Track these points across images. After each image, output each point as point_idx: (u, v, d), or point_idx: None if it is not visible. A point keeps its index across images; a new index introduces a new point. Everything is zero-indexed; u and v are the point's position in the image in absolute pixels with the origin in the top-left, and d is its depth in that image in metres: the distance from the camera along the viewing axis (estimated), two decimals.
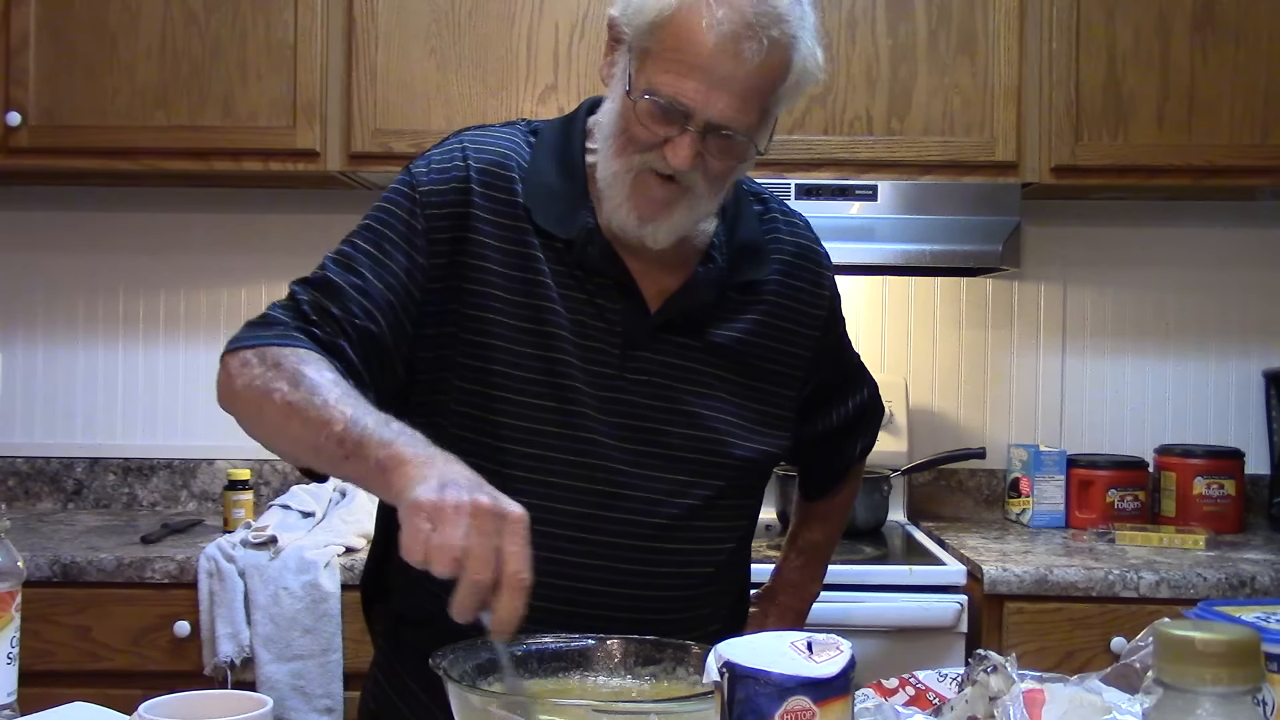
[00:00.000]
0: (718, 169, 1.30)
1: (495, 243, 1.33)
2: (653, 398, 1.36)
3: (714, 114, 1.25)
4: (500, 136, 1.40)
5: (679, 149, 1.26)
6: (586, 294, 1.35)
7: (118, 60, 2.53)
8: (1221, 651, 0.67)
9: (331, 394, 1.16)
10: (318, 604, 2.22)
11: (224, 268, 2.92)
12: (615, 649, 1.13)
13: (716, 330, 1.39)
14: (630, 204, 1.31)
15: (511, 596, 0.99)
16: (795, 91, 1.31)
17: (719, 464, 1.39)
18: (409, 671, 1.41)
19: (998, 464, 2.86)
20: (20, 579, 1.20)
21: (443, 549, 0.98)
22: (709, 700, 0.81)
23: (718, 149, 1.28)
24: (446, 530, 0.98)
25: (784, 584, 1.75)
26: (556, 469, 1.32)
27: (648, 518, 1.36)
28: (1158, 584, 2.20)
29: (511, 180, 1.36)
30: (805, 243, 1.50)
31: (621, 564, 1.35)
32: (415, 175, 1.36)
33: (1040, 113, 2.53)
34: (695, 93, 1.24)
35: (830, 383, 1.58)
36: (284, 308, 1.30)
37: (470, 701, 0.98)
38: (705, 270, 1.38)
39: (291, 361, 1.20)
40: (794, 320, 1.46)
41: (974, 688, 0.95)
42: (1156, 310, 2.92)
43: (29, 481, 2.90)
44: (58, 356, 2.92)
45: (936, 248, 2.52)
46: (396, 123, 2.51)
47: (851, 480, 1.75)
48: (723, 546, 1.43)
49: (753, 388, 1.42)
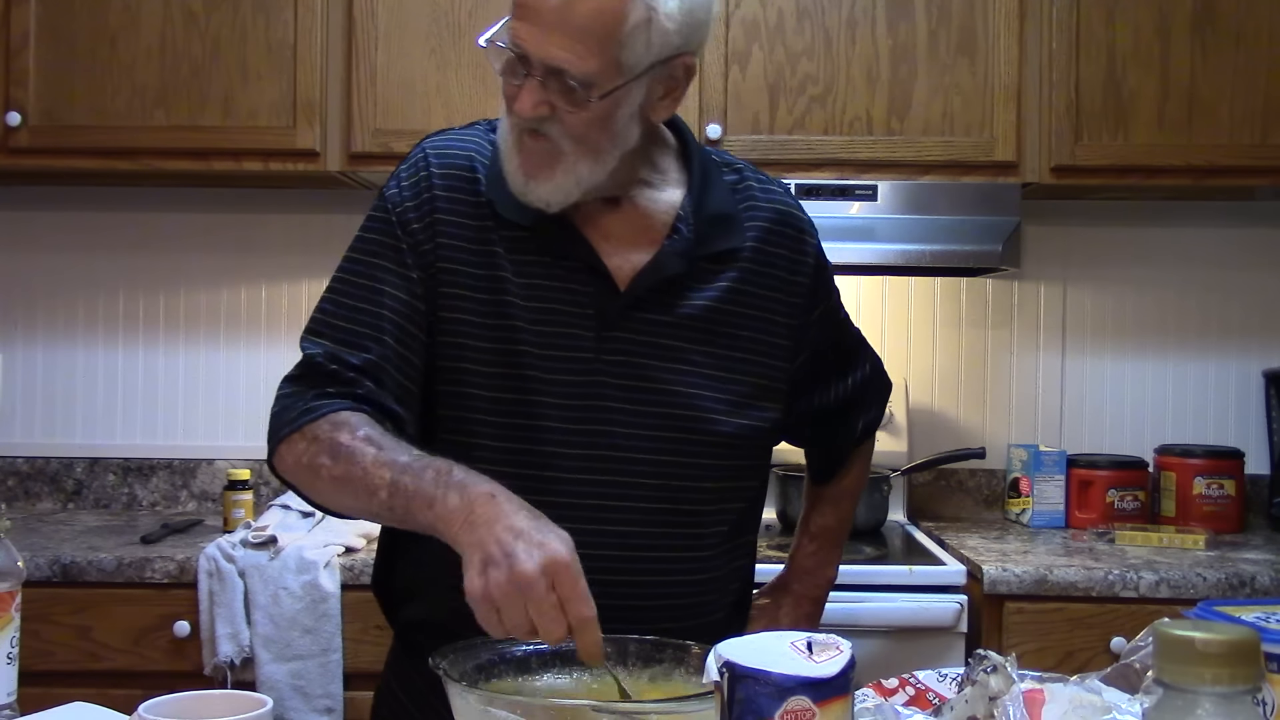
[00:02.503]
0: (573, 124, 1.28)
1: (462, 244, 1.35)
2: (630, 377, 1.35)
3: (546, 56, 1.24)
4: (461, 138, 1.41)
5: (520, 96, 1.27)
6: (556, 279, 1.35)
7: (118, 60, 2.53)
8: (1221, 651, 0.67)
9: (368, 457, 1.20)
10: (318, 604, 2.22)
11: (224, 268, 2.92)
12: (615, 649, 1.13)
13: (689, 302, 1.38)
14: (516, 163, 1.31)
15: (585, 634, 1.07)
16: (646, 43, 1.26)
17: (703, 441, 1.37)
18: (420, 672, 1.41)
19: (998, 464, 2.86)
20: (20, 579, 1.20)
21: (516, 628, 1.07)
22: (709, 700, 0.81)
23: (563, 99, 1.26)
24: (510, 614, 1.06)
25: (798, 571, 1.70)
26: (529, 460, 1.32)
27: (631, 502, 1.34)
28: (1158, 584, 2.20)
29: (475, 180, 1.37)
30: (784, 208, 1.47)
31: (610, 550, 1.33)
32: (389, 198, 1.38)
33: (1040, 113, 2.53)
34: (527, 34, 1.24)
35: (826, 356, 1.54)
36: (303, 371, 1.32)
37: (470, 701, 0.98)
38: (671, 243, 1.37)
39: (326, 431, 1.24)
40: (775, 287, 1.43)
41: (974, 688, 0.95)
42: (1156, 310, 2.92)
43: (29, 481, 2.90)
44: (58, 356, 2.92)
45: (936, 248, 2.52)
46: (396, 123, 2.51)
47: (859, 461, 1.69)
48: (715, 529, 1.41)
49: (735, 360, 1.40)
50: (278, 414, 1.30)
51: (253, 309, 2.92)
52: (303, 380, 1.31)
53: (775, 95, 2.53)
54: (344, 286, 1.35)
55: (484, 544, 1.08)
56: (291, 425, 1.27)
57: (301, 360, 1.33)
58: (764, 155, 2.49)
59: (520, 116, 1.28)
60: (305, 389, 1.30)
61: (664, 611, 1.35)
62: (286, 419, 1.28)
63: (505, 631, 1.07)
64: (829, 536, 1.70)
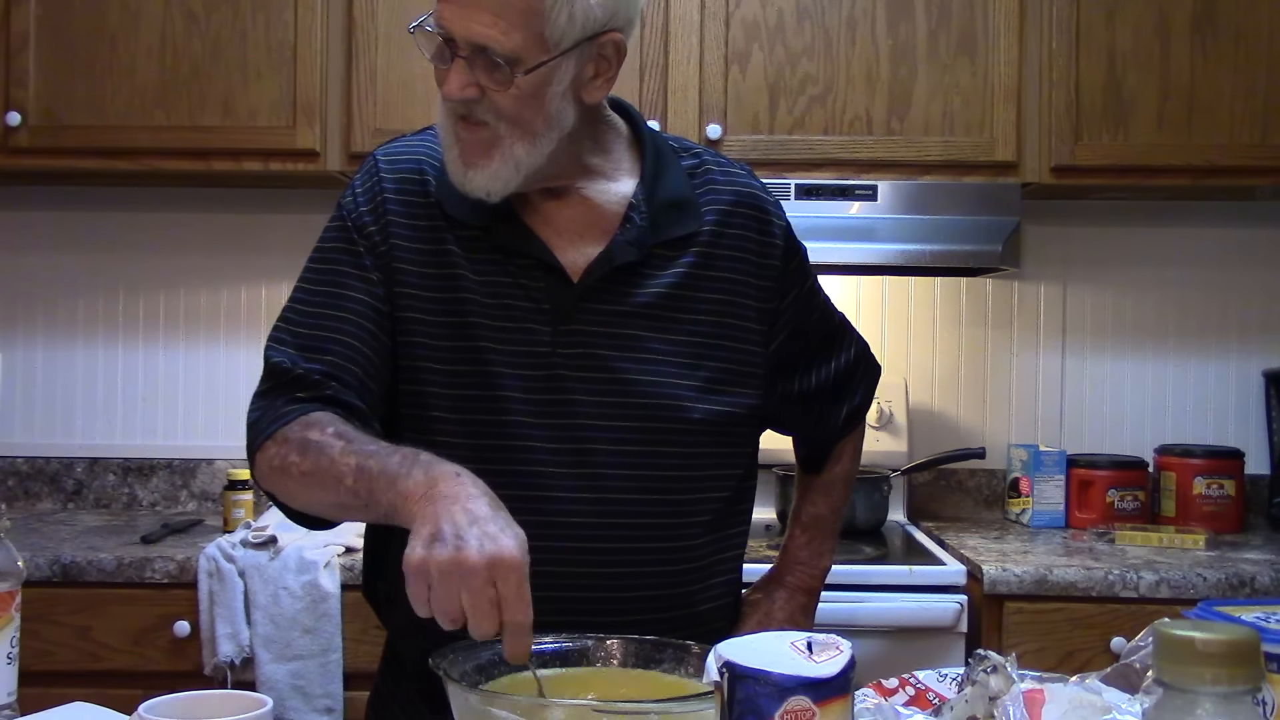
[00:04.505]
0: (504, 105, 1.28)
1: (414, 245, 1.36)
2: (590, 369, 1.34)
3: (468, 33, 1.25)
4: (411, 144, 1.43)
5: (449, 77, 1.27)
6: (509, 276, 1.35)
7: (118, 60, 2.54)
8: (1221, 651, 0.67)
9: (335, 448, 1.21)
10: (318, 604, 2.22)
11: (224, 268, 2.92)
12: (615, 649, 1.13)
13: (644, 290, 1.37)
14: (454, 154, 1.32)
15: (516, 637, 1.04)
16: (568, 18, 1.25)
17: (671, 429, 1.36)
18: (409, 675, 1.41)
19: (998, 464, 2.86)
20: (20, 579, 1.20)
21: (443, 612, 1.04)
22: (709, 700, 0.81)
23: (490, 78, 1.27)
24: (441, 593, 1.03)
25: (791, 563, 1.64)
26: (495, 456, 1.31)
27: (605, 494, 1.33)
28: (1158, 584, 2.20)
29: (425, 183, 1.38)
30: (746, 190, 1.46)
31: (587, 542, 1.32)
32: (344, 206, 1.40)
33: (1040, 113, 2.53)
34: (449, 12, 1.25)
35: (805, 339, 1.51)
36: (271, 382, 1.32)
37: (470, 702, 0.98)
38: (623, 232, 1.36)
39: (296, 431, 1.25)
40: (739, 270, 1.42)
41: (974, 688, 0.95)
42: (1156, 310, 2.92)
43: (29, 481, 2.90)
44: (58, 356, 2.92)
45: (936, 248, 2.52)
46: (396, 123, 2.50)
47: (850, 449, 1.65)
48: (697, 519, 1.39)
49: (699, 345, 1.38)
50: (251, 425, 1.31)
51: (253, 309, 2.92)
52: (271, 391, 1.32)
53: (775, 95, 2.53)
54: (305, 294, 1.37)
55: (437, 517, 1.06)
56: (264, 433, 1.28)
57: (266, 370, 1.33)
58: (764, 155, 2.49)
59: (449, 99, 1.28)
60: (274, 398, 1.30)
61: (647, 603, 1.34)
62: (260, 429, 1.29)
63: (429, 611, 1.04)
64: (821, 525, 1.65)
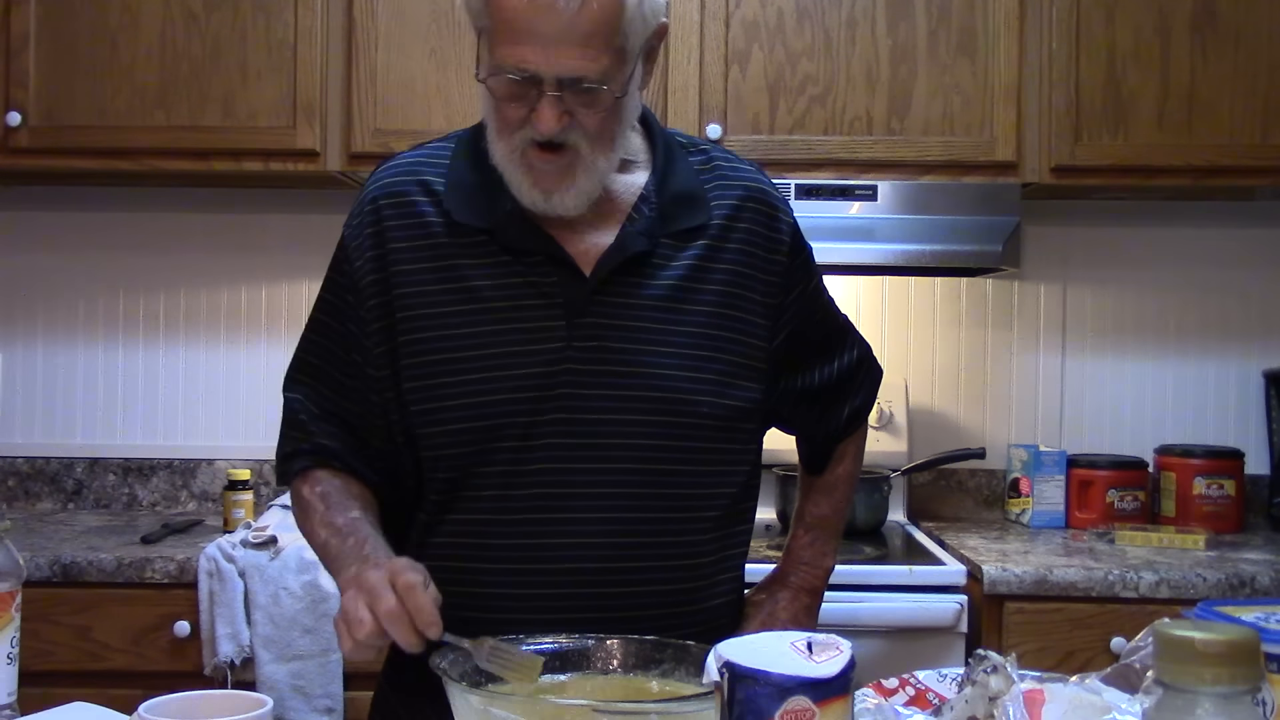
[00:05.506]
0: (592, 123, 1.29)
1: (418, 266, 1.37)
2: (605, 362, 1.34)
3: (560, 70, 1.25)
4: (406, 160, 1.44)
5: (543, 115, 1.27)
6: (519, 275, 1.35)
7: (118, 60, 2.54)
8: (1221, 651, 0.67)
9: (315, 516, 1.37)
10: (318, 604, 2.22)
11: (224, 268, 2.92)
12: (615, 649, 1.13)
13: (655, 281, 1.37)
14: (529, 182, 1.33)
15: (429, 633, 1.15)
16: (642, 22, 1.28)
17: (685, 423, 1.36)
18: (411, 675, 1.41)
19: (998, 464, 2.86)
20: (20, 579, 1.20)
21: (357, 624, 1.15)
22: (709, 700, 0.81)
23: (581, 103, 1.28)
24: (351, 608, 1.17)
25: (794, 563, 1.64)
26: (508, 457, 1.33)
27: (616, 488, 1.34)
28: (1157, 584, 2.20)
29: (423, 202, 1.39)
30: (754, 185, 1.46)
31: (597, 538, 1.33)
32: (344, 238, 1.44)
33: (1040, 113, 2.53)
34: (534, 55, 1.25)
35: (808, 337, 1.52)
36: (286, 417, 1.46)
37: (471, 702, 0.98)
38: (633, 223, 1.37)
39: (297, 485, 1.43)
40: (746, 264, 1.42)
41: (974, 688, 0.95)
42: (1156, 310, 2.93)
43: (29, 481, 2.90)
44: (58, 356, 2.92)
45: (936, 248, 2.52)
46: (396, 123, 2.51)
47: (852, 450, 1.66)
48: (705, 515, 1.39)
49: (710, 337, 1.38)
50: (278, 450, 1.46)
51: (253, 309, 2.92)
52: (286, 425, 1.45)
53: (775, 95, 2.53)
54: (311, 330, 1.45)
55: (354, 584, 1.19)
56: (280, 476, 1.47)
57: (285, 407, 1.46)
58: (764, 155, 2.48)
59: (547, 135, 1.28)
60: (287, 434, 1.45)
61: (655, 598, 1.34)
62: (280, 473, 1.47)
63: (351, 643, 1.15)
64: (825, 526, 1.65)
